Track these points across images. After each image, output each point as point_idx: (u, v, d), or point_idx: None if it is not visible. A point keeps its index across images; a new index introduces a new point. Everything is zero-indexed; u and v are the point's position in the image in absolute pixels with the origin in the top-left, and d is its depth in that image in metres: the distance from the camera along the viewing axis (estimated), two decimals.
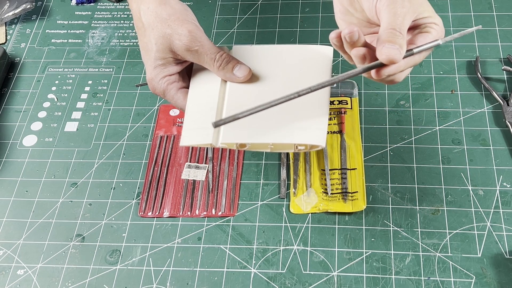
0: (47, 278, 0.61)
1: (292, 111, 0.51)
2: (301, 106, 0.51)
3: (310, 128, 0.50)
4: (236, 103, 0.52)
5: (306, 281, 0.58)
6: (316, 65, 0.54)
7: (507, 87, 0.71)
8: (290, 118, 0.51)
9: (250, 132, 0.51)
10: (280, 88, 0.53)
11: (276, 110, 0.48)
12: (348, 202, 0.62)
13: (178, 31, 0.50)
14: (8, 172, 0.69)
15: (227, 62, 0.51)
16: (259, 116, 0.48)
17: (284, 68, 0.54)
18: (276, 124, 0.51)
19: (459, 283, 0.56)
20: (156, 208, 0.64)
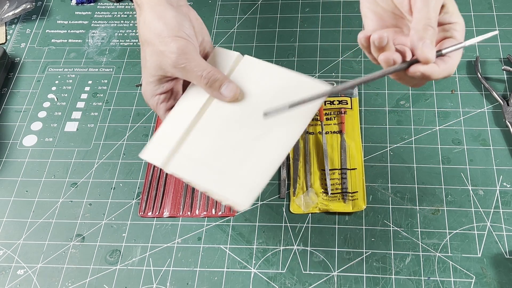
0: (47, 278, 0.61)
1: (244, 158, 0.49)
2: (254, 153, 0.49)
3: (242, 183, 0.48)
4: (203, 134, 0.51)
5: (306, 281, 0.58)
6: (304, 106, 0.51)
7: (507, 87, 0.71)
8: (236, 166, 0.49)
9: (196, 171, 0.49)
10: (259, 122, 0.50)
11: (234, 153, 0.49)
12: (348, 202, 0.62)
13: (169, 47, 0.49)
14: (8, 172, 0.69)
15: (214, 80, 0.49)
16: (218, 156, 0.49)
17: (274, 97, 0.51)
18: (222, 170, 0.49)
19: (459, 283, 0.56)
20: (156, 208, 0.64)
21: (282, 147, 0.49)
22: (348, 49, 0.76)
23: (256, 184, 0.48)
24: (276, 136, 0.49)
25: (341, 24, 0.79)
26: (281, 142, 0.49)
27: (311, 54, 0.76)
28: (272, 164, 0.48)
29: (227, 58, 0.53)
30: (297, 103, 0.47)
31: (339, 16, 0.81)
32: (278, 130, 0.49)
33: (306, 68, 0.74)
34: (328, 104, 0.70)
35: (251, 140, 0.49)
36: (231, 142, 0.50)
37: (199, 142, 0.51)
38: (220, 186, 0.49)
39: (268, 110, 0.48)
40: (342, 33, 0.78)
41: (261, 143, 0.49)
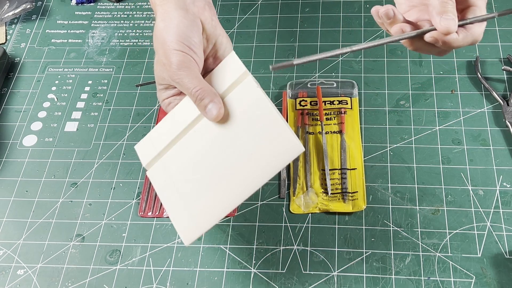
0: (47, 278, 0.61)
1: (205, 191, 0.49)
2: (217, 189, 0.49)
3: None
4: (185, 149, 0.51)
5: (306, 281, 0.58)
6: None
7: (507, 87, 0.71)
8: (195, 198, 0.50)
9: (164, 187, 0.50)
10: (234, 154, 0.49)
11: (199, 182, 0.49)
12: (348, 202, 0.62)
13: (168, 61, 0.49)
14: (8, 172, 0.69)
15: (201, 98, 0.49)
16: (187, 179, 0.49)
17: (249, 134, 0.49)
18: (183, 196, 0.50)
19: (459, 283, 0.56)
20: (156, 208, 0.64)
21: (241, 192, 0.48)
22: None
23: (202, 227, 0.49)
24: (241, 177, 0.48)
25: (341, 24, 0.79)
26: (242, 187, 0.48)
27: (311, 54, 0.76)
28: (224, 210, 0.49)
29: (232, 72, 0.51)
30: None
31: (339, 16, 0.81)
32: (245, 172, 0.48)
33: (306, 68, 0.74)
34: (328, 104, 0.70)
35: (218, 172, 0.49)
36: (202, 168, 0.50)
37: (179, 156, 0.52)
38: (173, 215, 0.51)
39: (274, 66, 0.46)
40: (342, 33, 0.78)
41: (226, 180, 0.49)
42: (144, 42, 0.81)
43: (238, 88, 0.50)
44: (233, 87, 0.50)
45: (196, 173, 0.50)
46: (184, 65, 0.49)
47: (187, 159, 0.51)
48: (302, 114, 0.70)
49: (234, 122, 0.49)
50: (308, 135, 0.68)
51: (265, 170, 0.47)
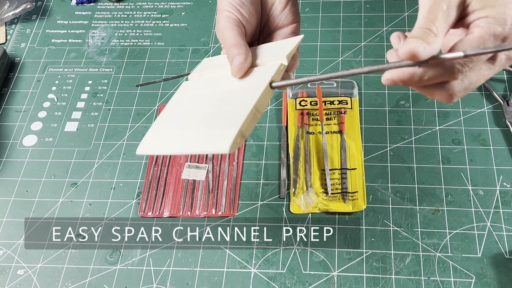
0: (47, 278, 0.61)
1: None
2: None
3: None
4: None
5: (306, 281, 0.58)
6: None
7: (507, 87, 0.71)
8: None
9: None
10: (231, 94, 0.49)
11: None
12: (348, 202, 0.62)
13: (218, 18, 0.52)
14: (8, 172, 0.69)
15: (231, 54, 0.50)
16: (191, 123, 0.48)
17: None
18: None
19: (459, 283, 0.56)
20: (156, 208, 0.64)
21: (249, 99, 0.46)
22: (348, 49, 0.76)
23: (155, 148, 0.47)
24: (242, 93, 0.48)
25: (341, 24, 0.79)
26: (248, 96, 0.47)
27: (311, 54, 0.76)
28: (242, 112, 0.45)
29: (279, 52, 0.50)
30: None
31: (339, 16, 0.81)
32: (244, 90, 0.48)
33: (306, 68, 0.74)
34: (328, 104, 0.70)
35: (198, 117, 0.49)
36: (195, 108, 0.50)
37: (174, 117, 0.51)
38: (150, 131, 0.49)
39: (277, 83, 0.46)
40: (342, 33, 0.78)
41: (229, 102, 0.48)
42: (144, 42, 0.81)
43: (265, 66, 0.49)
44: (264, 63, 0.50)
45: (187, 109, 0.50)
46: (229, 23, 0.51)
47: (195, 95, 0.51)
48: (302, 114, 0.70)
49: (234, 91, 0.49)
50: (308, 135, 0.68)
51: (198, 144, 0.46)
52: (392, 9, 0.81)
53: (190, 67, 0.77)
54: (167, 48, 0.80)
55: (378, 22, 0.79)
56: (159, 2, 0.86)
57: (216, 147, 0.44)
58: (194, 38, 0.81)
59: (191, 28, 0.82)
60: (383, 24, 0.79)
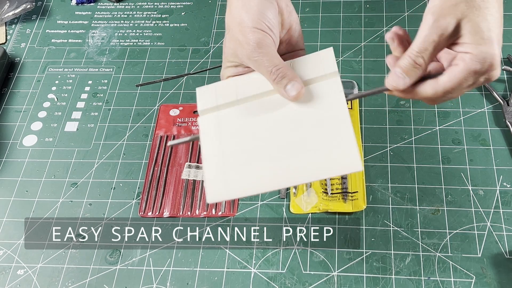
0: (47, 278, 0.61)
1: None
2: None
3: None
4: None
5: (306, 281, 0.58)
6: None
7: (507, 87, 0.71)
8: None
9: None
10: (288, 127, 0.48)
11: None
12: (348, 202, 0.62)
13: (246, 38, 0.49)
14: (8, 172, 0.69)
15: (282, 77, 0.48)
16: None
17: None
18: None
19: (459, 283, 0.56)
20: (156, 208, 0.64)
21: (283, 179, 0.46)
22: (348, 49, 0.76)
23: (232, 193, 0.47)
24: (289, 165, 0.46)
25: (341, 24, 0.79)
26: (286, 175, 0.46)
27: None
28: (259, 187, 0.46)
29: (322, 66, 0.50)
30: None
31: (339, 16, 0.81)
32: (295, 163, 0.46)
33: None
34: None
35: (270, 151, 0.47)
36: (254, 140, 0.48)
37: (236, 119, 0.49)
38: (208, 170, 0.48)
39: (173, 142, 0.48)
40: (342, 33, 0.78)
41: (273, 161, 0.47)
42: (144, 42, 0.81)
43: (322, 83, 0.49)
44: (316, 80, 0.49)
45: (247, 142, 0.48)
46: (263, 43, 0.48)
47: (243, 125, 0.49)
48: None
49: (304, 113, 0.48)
50: None
51: (315, 171, 0.46)
52: (392, 9, 0.81)
53: (190, 67, 0.77)
54: (167, 48, 0.80)
55: (378, 22, 0.79)
56: (159, 2, 0.86)
57: (347, 167, 0.45)
58: (194, 38, 0.81)
59: (191, 28, 0.82)
60: (383, 24, 0.79)
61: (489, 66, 0.44)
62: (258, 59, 0.48)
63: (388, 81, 0.47)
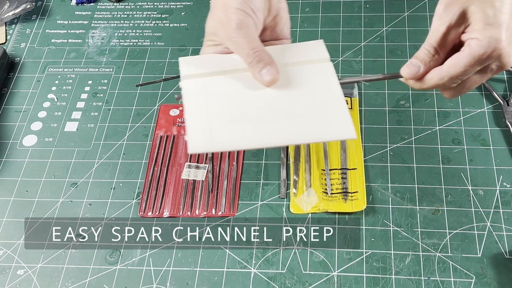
0: (47, 278, 0.61)
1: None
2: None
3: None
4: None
5: (306, 281, 0.58)
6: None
7: (507, 87, 0.71)
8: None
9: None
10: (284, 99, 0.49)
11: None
12: (348, 202, 0.62)
13: (228, 18, 0.48)
14: (8, 172, 0.69)
15: (258, 61, 0.48)
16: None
17: (284, 73, 0.50)
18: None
19: (459, 283, 0.56)
20: (156, 208, 0.64)
21: (274, 138, 0.46)
22: (348, 49, 0.76)
23: (217, 144, 0.45)
24: (281, 126, 0.46)
25: (341, 24, 0.79)
26: (277, 134, 0.46)
27: None
28: (248, 142, 0.46)
29: (312, 53, 0.51)
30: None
31: (339, 16, 0.81)
32: (287, 124, 0.46)
33: None
34: None
35: (260, 112, 0.47)
36: (243, 102, 0.48)
37: (223, 86, 0.49)
38: (191, 123, 0.47)
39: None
40: (342, 33, 0.78)
41: (264, 120, 0.47)
42: (144, 42, 0.81)
43: (313, 65, 0.50)
44: (306, 63, 0.50)
45: (235, 106, 0.48)
46: (244, 25, 0.48)
47: (231, 91, 0.49)
48: None
49: (295, 87, 0.49)
50: None
51: (306, 133, 0.46)
52: (392, 9, 0.81)
53: None
54: (167, 48, 0.80)
55: (378, 22, 0.79)
56: (159, 2, 0.86)
57: (341, 134, 0.46)
58: (194, 38, 0.81)
59: (191, 28, 0.82)
60: (383, 24, 0.79)
61: (493, 51, 0.44)
62: (237, 40, 0.48)
63: (404, 69, 0.49)
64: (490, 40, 0.44)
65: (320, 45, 0.51)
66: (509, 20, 0.45)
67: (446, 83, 0.47)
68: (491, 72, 0.47)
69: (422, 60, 0.48)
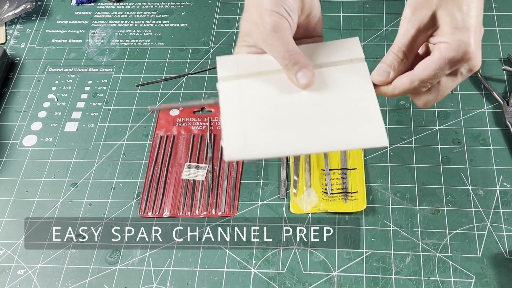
0: (47, 278, 0.61)
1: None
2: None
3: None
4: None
5: (306, 281, 0.58)
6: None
7: (507, 87, 0.71)
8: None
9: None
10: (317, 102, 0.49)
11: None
12: (348, 202, 0.62)
13: (262, 21, 0.48)
14: (8, 172, 0.69)
15: (294, 63, 0.48)
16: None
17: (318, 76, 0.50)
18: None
19: (459, 283, 0.56)
20: (156, 208, 0.64)
21: (307, 145, 0.47)
22: None
23: (251, 152, 0.46)
24: (313, 133, 0.47)
25: (341, 24, 0.79)
26: (309, 141, 0.47)
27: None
28: (281, 150, 0.47)
29: (347, 52, 0.51)
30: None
31: (339, 16, 0.81)
32: (320, 131, 0.47)
33: None
34: None
35: (293, 119, 0.47)
36: (277, 108, 0.48)
37: (259, 89, 0.49)
38: (227, 130, 0.47)
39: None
40: (342, 33, 0.78)
41: (297, 128, 0.47)
42: (144, 42, 0.81)
43: (347, 66, 0.50)
44: (340, 63, 0.50)
45: (269, 110, 0.48)
46: (279, 27, 0.48)
47: (266, 94, 0.49)
48: None
49: (329, 90, 0.49)
50: None
51: (338, 141, 0.46)
52: (392, 9, 0.81)
53: (190, 67, 0.77)
54: (167, 48, 0.80)
55: (378, 22, 0.79)
56: (159, 2, 0.86)
57: (373, 141, 0.46)
58: (194, 38, 0.81)
59: (191, 28, 0.82)
60: (383, 24, 0.79)
61: (464, 54, 0.45)
62: (272, 42, 0.48)
63: (373, 76, 0.48)
64: (460, 44, 0.44)
65: (355, 43, 0.52)
66: (476, 23, 0.45)
67: (417, 87, 0.47)
68: (461, 76, 0.47)
69: (391, 64, 0.48)
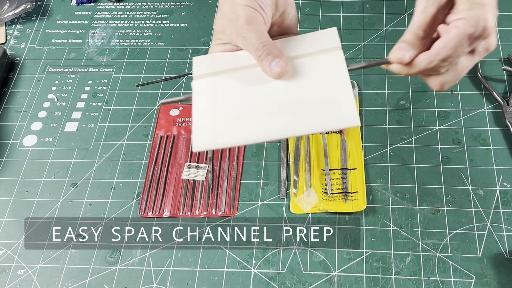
0: (47, 278, 0.61)
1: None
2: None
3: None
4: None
5: (306, 281, 0.58)
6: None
7: (507, 87, 0.71)
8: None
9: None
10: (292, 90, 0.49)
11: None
12: (348, 202, 0.62)
13: (236, 15, 0.48)
14: (8, 172, 0.69)
15: (267, 54, 0.48)
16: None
17: (295, 65, 0.50)
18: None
19: (459, 283, 0.56)
20: (156, 208, 0.64)
21: (280, 130, 0.46)
22: (348, 49, 0.76)
23: (221, 141, 0.46)
24: (286, 119, 0.47)
25: (341, 24, 0.79)
26: (283, 127, 0.47)
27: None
28: (253, 136, 0.46)
29: (323, 43, 0.50)
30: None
31: (339, 16, 0.81)
32: (293, 116, 0.47)
33: None
34: None
35: (266, 106, 0.47)
36: (250, 98, 0.48)
37: (232, 83, 0.49)
38: (197, 122, 0.47)
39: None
40: (342, 33, 0.78)
41: (269, 115, 0.47)
42: (144, 42, 0.81)
43: (323, 56, 0.50)
44: (316, 53, 0.50)
45: (242, 100, 0.48)
46: (253, 20, 0.48)
47: (239, 86, 0.49)
48: None
49: (303, 78, 0.49)
50: (308, 135, 0.68)
51: (311, 124, 0.46)
52: (392, 9, 0.81)
53: (190, 67, 0.77)
54: (167, 48, 0.80)
55: (378, 22, 0.79)
56: (159, 2, 0.86)
57: (345, 122, 0.46)
58: (194, 38, 0.81)
59: (191, 28, 0.82)
60: (383, 24, 0.79)
61: (483, 30, 0.44)
62: (246, 35, 0.48)
63: (393, 54, 0.47)
64: (479, 19, 0.44)
65: (332, 33, 0.51)
66: (492, 1, 0.45)
67: (435, 67, 0.46)
68: (478, 55, 0.47)
69: (411, 43, 0.46)
